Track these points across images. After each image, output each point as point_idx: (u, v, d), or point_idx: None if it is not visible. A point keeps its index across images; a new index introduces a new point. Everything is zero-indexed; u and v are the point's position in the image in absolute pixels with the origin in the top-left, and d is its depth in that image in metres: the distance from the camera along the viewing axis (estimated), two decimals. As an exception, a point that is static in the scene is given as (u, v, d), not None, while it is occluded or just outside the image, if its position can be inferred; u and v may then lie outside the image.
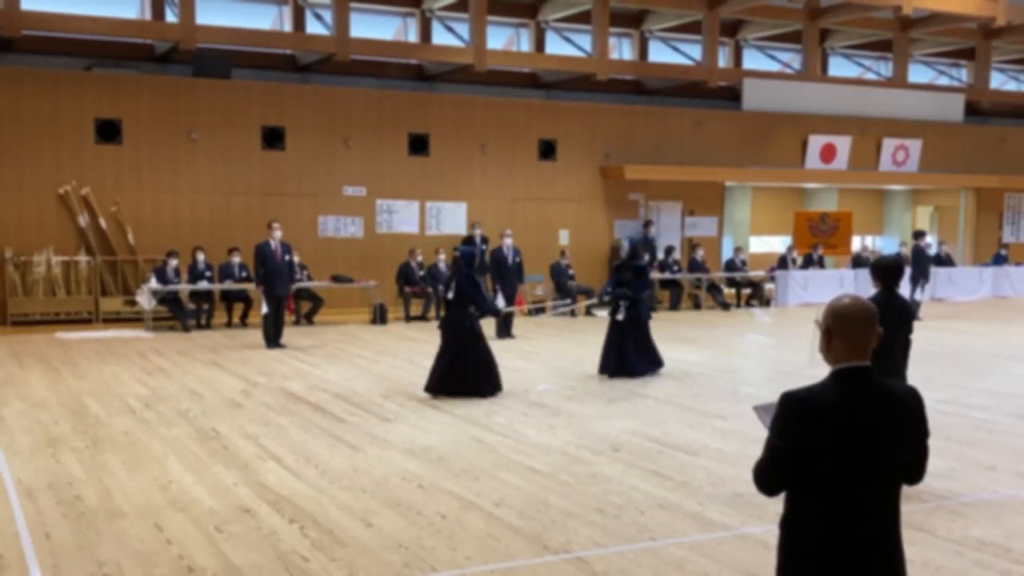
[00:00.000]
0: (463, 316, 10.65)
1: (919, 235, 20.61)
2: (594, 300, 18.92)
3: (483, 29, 20.07)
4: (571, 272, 19.73)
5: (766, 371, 12.90)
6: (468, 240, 19.17)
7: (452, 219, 20.15)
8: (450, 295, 10.86)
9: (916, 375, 7.43)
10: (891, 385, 3.16)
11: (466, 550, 5.84)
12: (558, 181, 21.09)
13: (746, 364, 13.63)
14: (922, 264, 19.71)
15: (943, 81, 27.48)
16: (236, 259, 16.93)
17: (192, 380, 11.61)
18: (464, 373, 10.55)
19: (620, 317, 11.90)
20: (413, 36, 21.06)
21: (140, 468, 7.62)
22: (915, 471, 3.23)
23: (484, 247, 19.13)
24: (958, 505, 6.84)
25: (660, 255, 20.99)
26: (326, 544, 5.93)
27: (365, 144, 19.37)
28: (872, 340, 3.12)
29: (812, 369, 10.36)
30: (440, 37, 20.91)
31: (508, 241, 16.61)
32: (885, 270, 6.84)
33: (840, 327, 3.11)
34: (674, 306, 20.72)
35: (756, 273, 21.99)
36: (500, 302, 15.20)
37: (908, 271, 20.04)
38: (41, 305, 16.75)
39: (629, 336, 11.87)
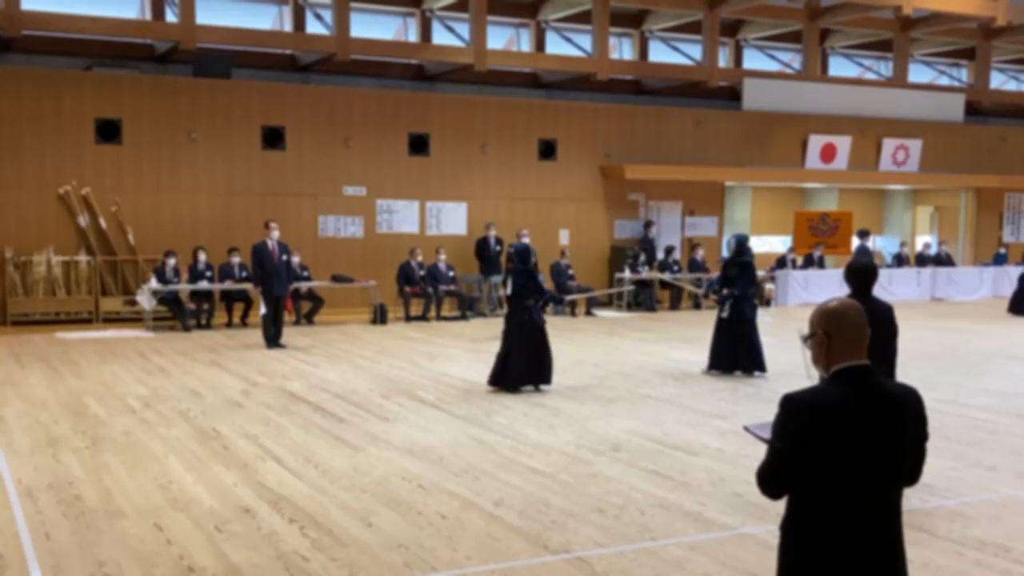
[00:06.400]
0: (520, 310, 11.02)
1: (863, 234, 21.12)
2: (593, 293, 18.99)
3: (483, 29, 20.07)
4: (571, 272, 19.73)
5: (766, 371, 12.88)
6: (483, 241, 19.32)
7: (452, 219, 20.15)
8: (508, 291, 11.24)
9: (916, 375, 7.44)
10: (891, 385, 3.16)
11: (466, 550, 5.84)
12: (558, 181, 21.09)
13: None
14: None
15: (943, 81, 27.48)
16: (236, 259, 16.93)
17: (192, 380, 11.61)
18: (520, 364, 10.93)
19: (725, 315, 12.15)
20: (413, 36, 21.06)
21: (140, 468, 7.62)
22: (912, 472, 3.23)
23: (499, 248, 19.21)
24: (958, 505, 6.84)
25: (660, 255, 21.01)
26: (326, 544, 5.93)
27: (365, 144, 19.37)
28: (867, 338, 3.12)
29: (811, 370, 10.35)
30: (440, 37, 20.91)
31: (525, 241, 16.74)
32: (858, 273, 6.77)
33: (837, 327, 3.11)
34: (674, 306, 20.73)
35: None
36: None
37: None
38: (41, 305, 16.74)
39: (735, 333, 12.09)
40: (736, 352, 12.12)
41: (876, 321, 6.56)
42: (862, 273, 6.73)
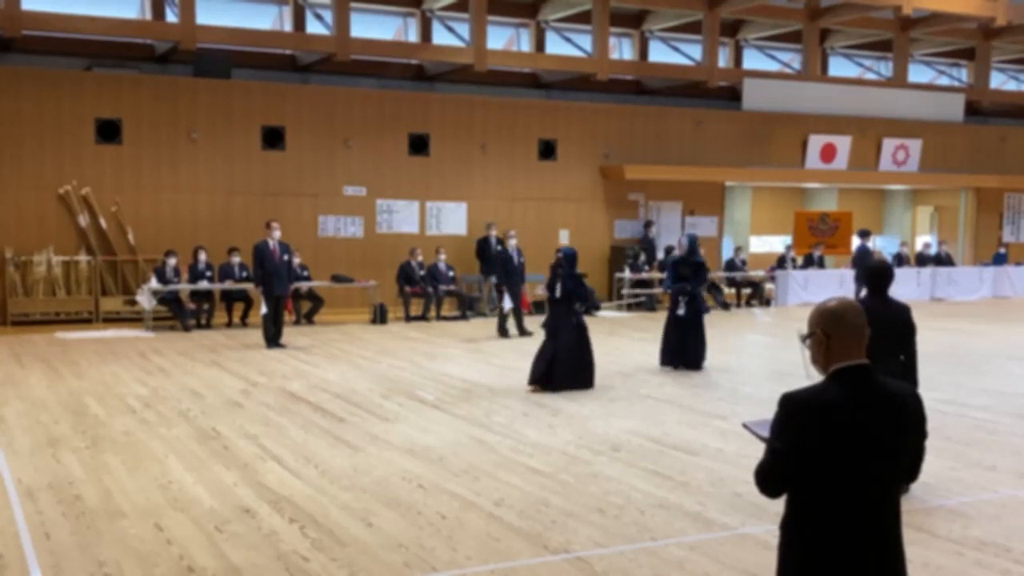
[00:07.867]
0: (569, 313, 11.13)
1: (864, 234, 20.81)
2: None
3: (483, 29, 20.07)
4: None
5: (766, 371, 12.90)
6: (484, 241, 19.30)
7: (452, 219, 20.16)
8: (557, 294, 11.24)
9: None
10: (891, 385, 3.15)
11: (466, 550, 5.85)
12: (558, 181, 21.09)
13: (746, 364, 13.63)
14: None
15: (943, 81, 27.48)
16: (236, 259, 16.94)
17: (192, 380, 11.61)
18: (567, 367, 10.96)
19: (681, 312, 12.38)
20: (413, 36, 21.06)
21: (140, 468, 7.62)
22: (911, 471, 3.23)
23: (500, 248, 19.18)
24: (958, 505, 6.84)
25: (660, 255, 21.00)
26: (326, 544, 5.93)
27: (365, 144, 19.37)
28: (866, 338, 3.12)
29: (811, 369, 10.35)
30: (440, 37, 20.91)
31: (513, 242, 16.71)
32: (875, 273, 6.74)
33: (836, 327, 3.12)
34: (674, 306, 20.70)
35: (756, 273, 21.99)
36: (507, 302, 15.40)
37: (854, 272, 20.19)
38: (41, 305, 16.75)
39: (688, 331, 12.41)
40: (685, 348, 12.42)
41: (893, 322, 6.53)
42: (879, 273, 6.71)
